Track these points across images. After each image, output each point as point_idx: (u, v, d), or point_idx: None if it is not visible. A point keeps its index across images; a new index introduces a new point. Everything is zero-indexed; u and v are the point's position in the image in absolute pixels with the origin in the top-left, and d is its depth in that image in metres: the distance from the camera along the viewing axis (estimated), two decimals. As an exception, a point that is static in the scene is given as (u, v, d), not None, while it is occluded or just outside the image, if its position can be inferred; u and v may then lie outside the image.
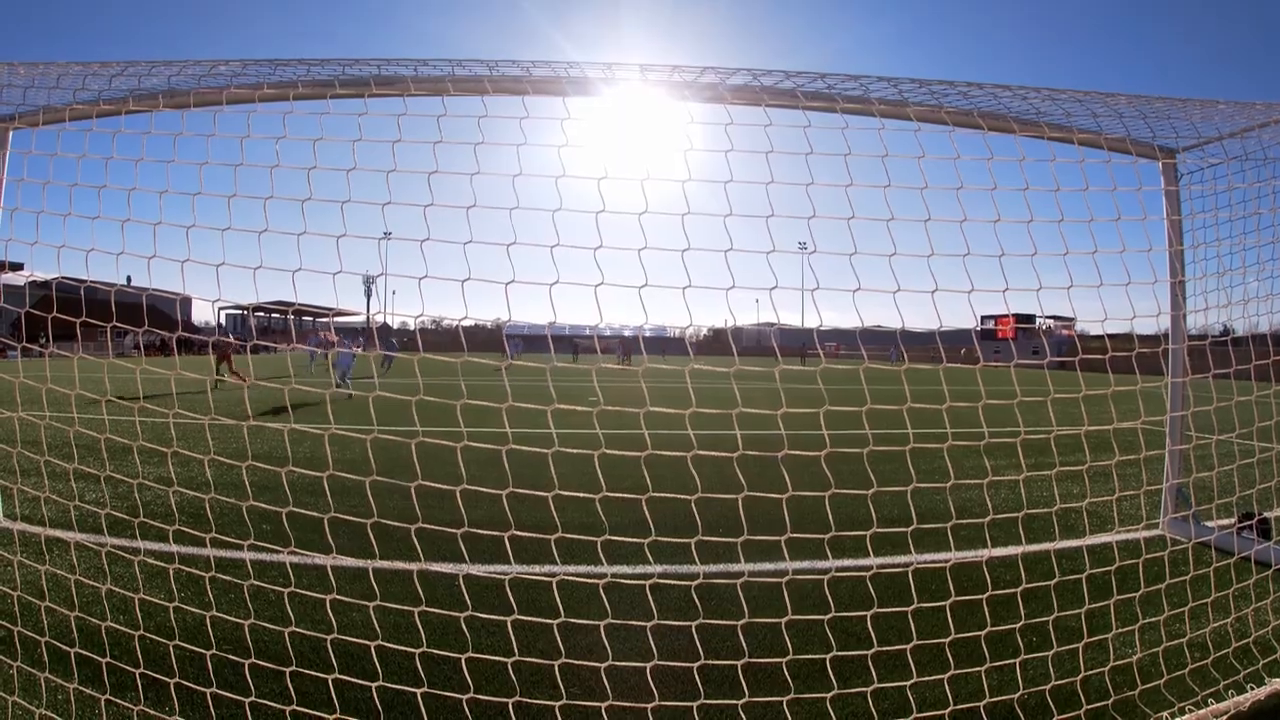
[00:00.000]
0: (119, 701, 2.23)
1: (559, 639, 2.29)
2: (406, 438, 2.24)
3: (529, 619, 2.37)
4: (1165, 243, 3.48)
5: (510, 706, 2.14)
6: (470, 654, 2.25)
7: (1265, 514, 4.04)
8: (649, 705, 2.19)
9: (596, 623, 2.37)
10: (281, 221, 2.28)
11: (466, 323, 2.26)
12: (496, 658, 2.31)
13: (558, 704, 2.20)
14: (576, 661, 2.38)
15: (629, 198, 2.33)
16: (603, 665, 2.32)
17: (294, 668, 2.27)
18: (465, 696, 2.14)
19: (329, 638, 2.34)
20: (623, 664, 2.40)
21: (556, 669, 2.28)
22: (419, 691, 2.15)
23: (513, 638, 2.32)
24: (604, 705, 2.19)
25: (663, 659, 2.33)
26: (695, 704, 2.19)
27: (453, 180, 2.31)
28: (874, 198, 2.51)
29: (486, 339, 50.39)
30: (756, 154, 2.47)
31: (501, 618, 2.37)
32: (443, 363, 2.81)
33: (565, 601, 2.52)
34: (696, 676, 2.27)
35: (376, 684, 2.17)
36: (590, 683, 2.44)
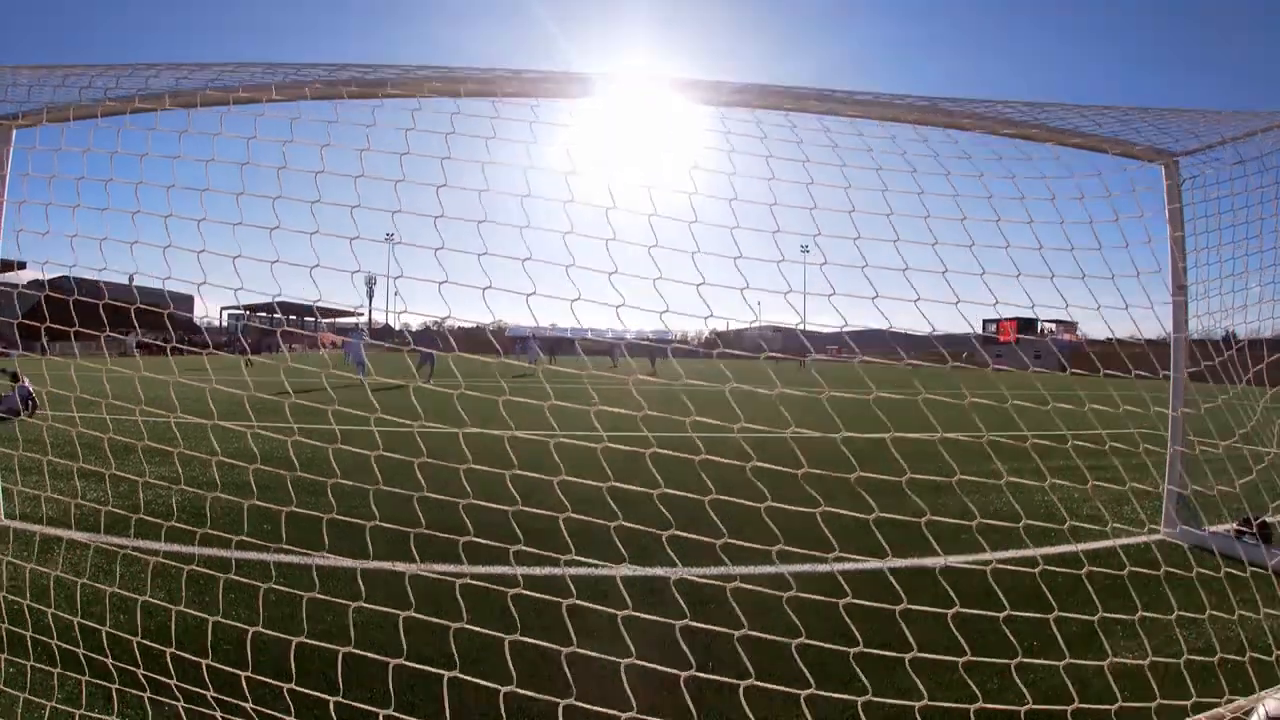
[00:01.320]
0: (124, 694, 2.23)
1: (560, 640, 2.29)
2: (409, 444, 2.24)
3: (529, 620, 2.37)
4: (1168, 246, 3.48)
5: (510, 707, 2.14)
6: (470, 655, 2.25)
7: (1266, 518, 4.04)
8: (649, 706, 2.19)
9: (598, 624, 2.37)
10: (290, 221, 2.30)
11: (468, 325, 2.27)
12: (496, 659, 2.31)
13: (560, 704, 2.20)
14: (578, 662, 2.38)
15: (634, 199, 2.35)
16: (604, 667, 2.32)
17: (294, 668, 2.27)
18: (465, 697, 2.14)
19: (334, 645, 2.34)
20: (623, 663, 2.40)
21: (558, 668, 2.28)
22: (419, 692, 2.15)
23: (514, 638, 2.32)
24: (605, 707, 2.19)
25: (664, 662, 2.33)
26: (696, 705, 2.18)
27: (462, 187, 2.34)
28: (875, 199, 2.53)
29: (488, 341, 50.31)
30: (757, 157, 2.50)
31: (502, 622, 2.36)
32: (455, 365, 2.81)
33: (566, 603, 2.52)
34: (697, 679, 2.27)
35: (376, 685, 2.17)
36: (591, 684, 2.43)
